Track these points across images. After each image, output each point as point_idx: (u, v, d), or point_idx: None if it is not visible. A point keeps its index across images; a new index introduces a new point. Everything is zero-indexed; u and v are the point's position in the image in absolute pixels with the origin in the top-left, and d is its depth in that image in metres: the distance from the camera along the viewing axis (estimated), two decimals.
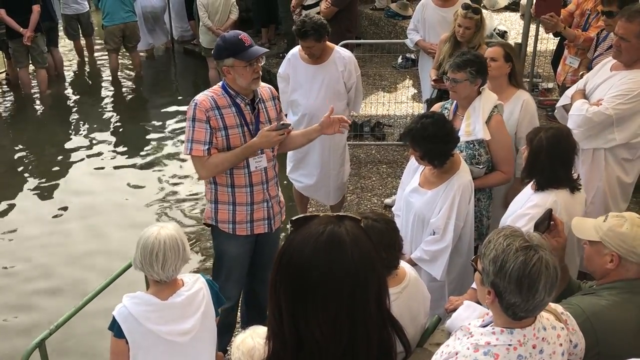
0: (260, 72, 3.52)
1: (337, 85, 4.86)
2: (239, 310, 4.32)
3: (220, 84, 3.64)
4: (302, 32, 4.62)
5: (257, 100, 3.63)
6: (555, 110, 4.32)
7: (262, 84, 3.74)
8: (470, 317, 2.49)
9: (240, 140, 3.57)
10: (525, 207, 3.16)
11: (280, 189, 3.96)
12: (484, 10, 9.33)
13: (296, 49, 4.94)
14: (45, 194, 6.97)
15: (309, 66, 4.83)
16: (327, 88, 4.83)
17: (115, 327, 2.76)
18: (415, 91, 7.96)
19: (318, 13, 7.18)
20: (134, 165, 7.57)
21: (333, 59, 4.83)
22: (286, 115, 4.98)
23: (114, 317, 2.77)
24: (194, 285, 2.87)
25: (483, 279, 2.01)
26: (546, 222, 2.72)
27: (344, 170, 5.25)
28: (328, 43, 4.82)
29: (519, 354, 1.97)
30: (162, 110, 9.07)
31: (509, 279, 1.91)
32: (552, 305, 2.23)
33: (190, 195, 6.80)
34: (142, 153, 7.87)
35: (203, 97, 3.57)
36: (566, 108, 4.07)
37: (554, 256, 2.61)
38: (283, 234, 4.18)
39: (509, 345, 1.97)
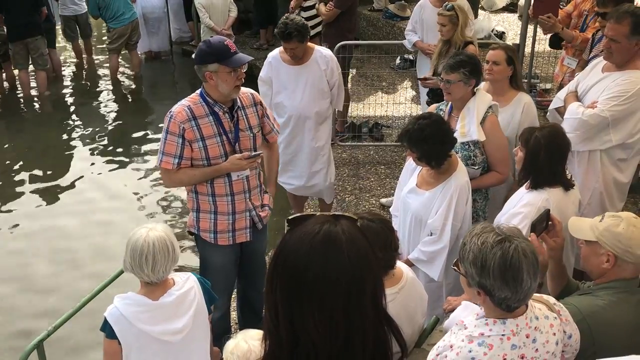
0: (243, 80, 3.48)
1: (320, 84, 4.86)
2: (233, 314, 4.32)
3: (198, 91, 3.58)
4: (285, 34, 4.60)
5: (236, 107, 3.58)
6: (548, 113, 4.32)
7: (244, 89, 3.69)
8: (469, 316, 2.50)
9: (219, 149, 3.53)
10: (518, 205, 3.18)
11: (271, 197, 3.91)
12: (482, 12, 9.42)
13: (276, 52, 4.94)
14: (43, 194, 6.96)
15: (291, 67, 4.83)
16: (311, 88, 4.84)
17: (107, 328, 2.76)
18: (414, 92, 7.97)
19: (316, 15, 7.22)
20: (132, 166, 7.57)
21: (315, 59, 4.83)
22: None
23: (105, 318, 2.76)
24: (185, 285, 2.87)
25: (469, 282, 2.02)
26: (544, 222, 2.72)
27: (331, 170, 5.26)
28: (309, 43, 4.83)
29: (512, 343, 1.99)
30: (161, 112, 9.04)
31: (493, 276, 1.93)
32: (545, 296, 2.25)
33: None
34: (140, 154, 7.86)
35: (179, 108, 3.53)
36: (559, 111, 4.08)
37: (552, 255, 2.65)
38: (275, 232, 4.17)
39: (503, 335, 1.99)
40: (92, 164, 7.65)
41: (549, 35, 5.60)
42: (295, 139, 4.97)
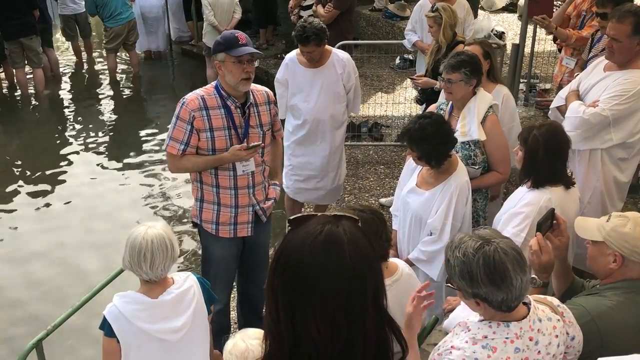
0: (251, 75, 3.49)
1: (336, 88, 4.82)
2: (232, 313, 4.32)
3: (213, 83, 3.63)
4: (303, 37, 4.56)
5: (249, 103, 3.60)
6: (550, 112, 4.33)
7: (259, 87, 3.74)
8: (468, 317, 2.49)
9: (226, 142, 3.55)
10: (519, 205, 3.16)
11: (277, 188, 3.94)
12: (481, 12, 9.43)
13: (293, 54, 4.89)
14: (41, 194, 6.96)
15: (308, 70, 4.79)
16: (327, 91, 4.79)
17: (105, 327, 2.76)
18: (413, 92, 7.96)
19: (311, 15, 7.21)
20: (130, 165, 7.57)
21: (332, 62, 4.79)
22: (284, 120, 4.97)
23: (104, 317, 2.76)
24: (184, 283, 2.86)
25: (464, 295, 2.03)
26: (549, 221, 2.71)
27: (341, 172, 5.24)
28: (326, 46, 4.82)
29: (516, 346, 1.99)
30: (160, 111, 9.08)
31: (483, 283, 1.94)
32: (549, 298, 2.24)
33: (187, 194, 6.79)
34: (138, 153, 7.86)
35: (193, 96, 3.56)
36: (560, 109, 4.08)
37: (556, 255, 2.64)
38: (276, 242, 4.16)
39: (506, 338, 1.99)
40: (91, 163, 7.65)
41: (549, 36, 5.63)
42: (307, 142, 4.91)
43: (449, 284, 2.10)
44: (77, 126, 8.71)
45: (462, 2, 5.91)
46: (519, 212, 3.12)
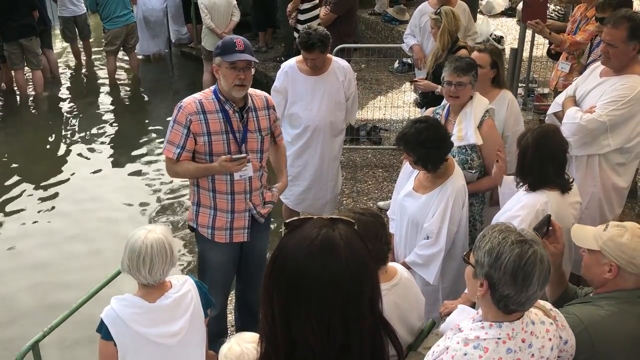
0: (246, 82, 3.48)
1: (337, 96, 4.80)
2: (230, 316, 4.31)
3: (212, 87, 3.63)
4: (308, 44, 4.53)
5: (247, 108, 3.60)
6: (547, 118, 4.33)
7: (258, 92, 3.74)
8: (464, 320, 2.49)
9: (223, 147, 3.54)
10: (515, 208, 3.15)
11: (276, 192, 3.92)
12: (480, 16, 9.44)
13: (292, 61, 4.85)
14: (41, 196, 6.95)
15: (309, 78, 4.74)
16: (328, 99, 4.76)
17: (103, 330, 2.76)
18: (412, 96, 7.97)
19: (314, 18, 7.22)
20: (130, 167, 7.56)
21: (333, 69, 4.77)
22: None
23: (102, 320, 2.77)
24: (182, 287, 2.87)
25: (476, 272, 2.02)
26: (544, 227, 2.71)
27: (339, 180, 5.23)
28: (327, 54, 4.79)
29: (508, 347, 1.98)
30: (159, 113, 9.07)
31: (504, 270, 1.93)
32: (541, 302, 2.24)
33: (186, 197, 6.79)
34: (138, 155, 7.86)
35: (190, 100, 3.57)
36: (557, 115, 4.08)
37: (552, 260, 2.64)
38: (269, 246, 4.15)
39: (498, 338, 1.99)
40: (90, 165, 7.64)
41: (547, 40, 5.65)
42: (307, 151, 4.88)
43: (465, 257, 2.10)
44: (76, 128, 8.70)
45: (462, 6, 5.90)
46: (515, 215, 3.11)
